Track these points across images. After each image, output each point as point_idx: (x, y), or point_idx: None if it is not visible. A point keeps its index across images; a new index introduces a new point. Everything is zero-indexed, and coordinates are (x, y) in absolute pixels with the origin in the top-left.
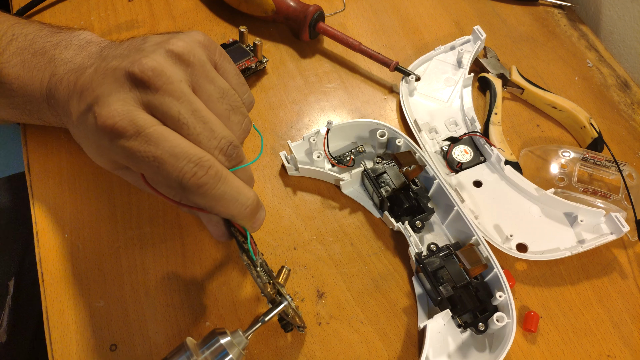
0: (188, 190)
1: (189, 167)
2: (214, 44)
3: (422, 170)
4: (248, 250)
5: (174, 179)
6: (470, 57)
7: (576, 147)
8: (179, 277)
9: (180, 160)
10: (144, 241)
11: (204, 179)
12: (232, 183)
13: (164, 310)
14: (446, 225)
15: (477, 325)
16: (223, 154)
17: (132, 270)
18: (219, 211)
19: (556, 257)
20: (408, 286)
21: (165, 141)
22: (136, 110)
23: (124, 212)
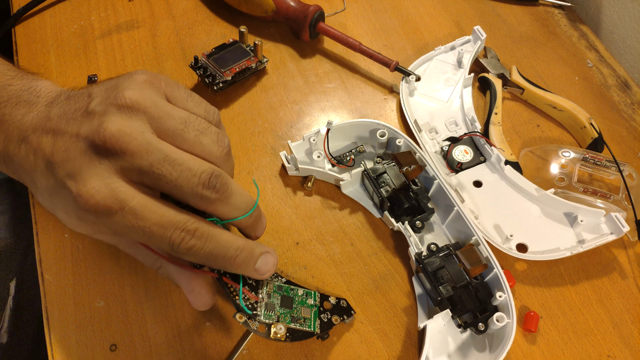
0: (180, 254)
1: (176, 234)
2: (157, 77)
3: (422, 171)
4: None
5: (165, 246)
6: (470, 57)
7: (576, 147)
8: None
9: (167, 230)
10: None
11: (192, 241)
12: (219, 238)
13: (164, 310)
14: (446, 225)
15: (477, 325)
16: (207, 188)
17: (132, 270)
18: (212, 264)
19: (556, 257)
20: (408, 286)
21: (150, 213)
22: (114, 182)
23: None
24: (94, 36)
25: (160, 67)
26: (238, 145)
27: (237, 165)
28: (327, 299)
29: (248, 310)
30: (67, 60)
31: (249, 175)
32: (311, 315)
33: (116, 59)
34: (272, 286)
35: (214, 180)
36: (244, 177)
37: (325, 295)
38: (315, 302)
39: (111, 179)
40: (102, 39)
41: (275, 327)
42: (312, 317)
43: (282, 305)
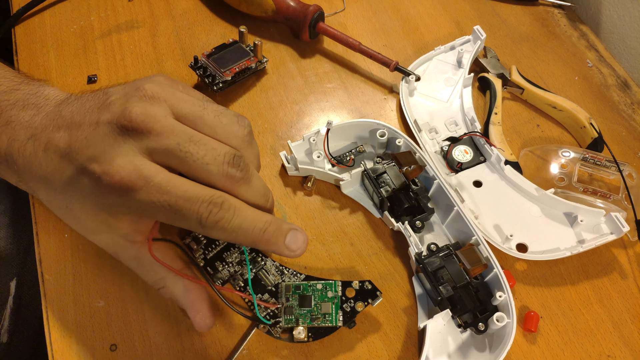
0: (207, 228)
1: (204, 207)
2: (175, 80)
3: (422, 170)
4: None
5: (194, 220)
6: (470, 57)
7: (576, 147)
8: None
9: (194, 203)
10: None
11: (220, 213)
12: (247, 212)
13: (164, 310)
14: (446, 225)
15: (477, 325)
16: (232, 166)
17: (132, 270)
18: (240, 241)
19: (556, 257)
20: (408, 286)
21: (175, 187)
22: (139, 160)
23: None
24: (94, 36)
25: (160, 67)
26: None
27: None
28: (350, 284)
29: (266, 321)
30: (67, 60)
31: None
32: (332, 309)
33: (116, 59)
34: (291, 286)
35: (237, 159)
36: None
37: (347, 282)
38: (335, 292)
39: (136, 157)
40: (102, 39)
41: (295, 331)
42: (334, 310)
43: (301, 306)
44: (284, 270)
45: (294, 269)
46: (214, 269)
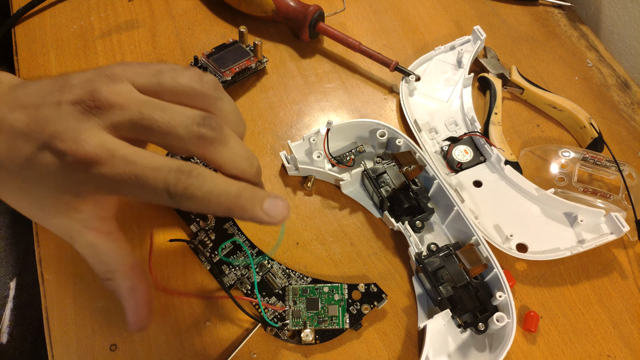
0: (177, 197)
1: (172, 175)
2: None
3: (422, 170)
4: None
5: (162, 189)
6: (470, 57)
7: (576, 147)
8: (178, 277)
9: (162, 172)
10: (143, 241)
11: (189, 180)
12: (217, 178)
13: (164, 310)
14: (446, 225)
15: (477, 325)
16: (201, 126)
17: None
18: (214, 209)
19: (556, 257)
20: (408, 286)
21: (142, 158)
22: (104, 135)
23: (124, 213)
24: (94, 36)
25: None
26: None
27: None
28: (356, 287)
29: (274, 323)
30: (67, 60)
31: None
32: (339, 312)
33: (116, 59)
34: (298, 290)
35: (207, 119)
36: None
37: (353, 285)
38: (342, 295)
39: (101, 133)
40: (102, 39)
41: (303, 334)
42: (340, 313)
43: (309, 309)
44: (290, 274)
45: (300, 272)
46: (221, 273)
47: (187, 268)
